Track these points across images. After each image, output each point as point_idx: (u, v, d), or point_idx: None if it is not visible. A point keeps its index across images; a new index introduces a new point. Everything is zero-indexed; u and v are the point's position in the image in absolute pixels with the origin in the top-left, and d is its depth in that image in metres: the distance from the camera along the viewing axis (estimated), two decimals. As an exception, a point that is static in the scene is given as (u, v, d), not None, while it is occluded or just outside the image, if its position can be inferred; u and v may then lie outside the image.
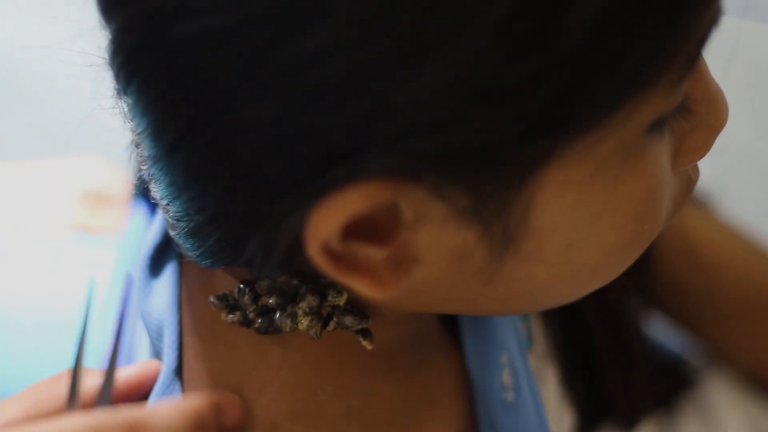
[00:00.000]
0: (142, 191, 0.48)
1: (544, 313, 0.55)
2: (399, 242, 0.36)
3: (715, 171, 0.95)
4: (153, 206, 0.49)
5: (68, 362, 0.43)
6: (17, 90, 0.97)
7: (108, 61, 0.37)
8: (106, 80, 0.39)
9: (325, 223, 0.34)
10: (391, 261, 0.36)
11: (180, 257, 0.46)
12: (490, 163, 0.33)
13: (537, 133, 0.33)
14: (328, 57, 0.31)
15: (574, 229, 0.37)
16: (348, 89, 0.32)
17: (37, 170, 0.61)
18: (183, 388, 0.43)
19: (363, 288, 0.36)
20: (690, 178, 0.42)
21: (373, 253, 0.35)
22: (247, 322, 0.42)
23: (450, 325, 0.49)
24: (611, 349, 0.55)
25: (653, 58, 0.33)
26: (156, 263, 0.46)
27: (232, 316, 0.42)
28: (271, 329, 0.41)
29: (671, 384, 0.60)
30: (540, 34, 0.31)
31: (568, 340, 0.55)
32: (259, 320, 0.41)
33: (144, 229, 0.49)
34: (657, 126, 0.36)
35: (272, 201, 0.35)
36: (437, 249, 0.36)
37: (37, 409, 0.39)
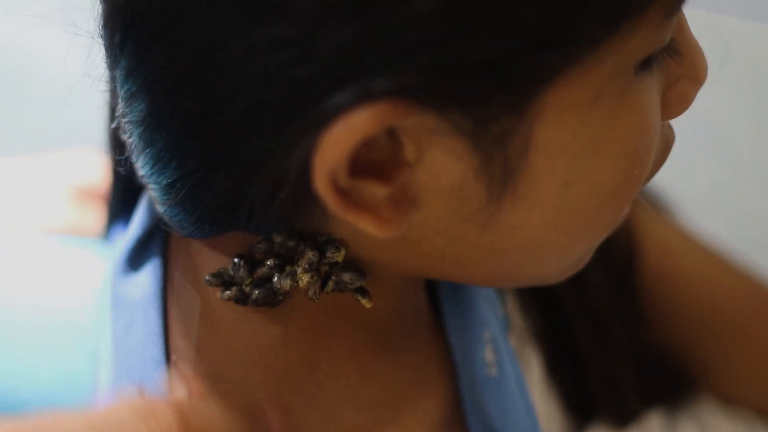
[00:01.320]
0: (119, 189, 0.48)
1: (522, 300, 0.55)
2: (401, 181, 0.36)
3: (716, 171, 0.95)
4: (129, 207, 0.49)
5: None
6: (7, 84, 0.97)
7: (102, 25, 0.37)
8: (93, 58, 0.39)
9: (334, 150, 0.33)
10: (394, 200, 0.36)
11: (164, 252, 0.45)
12: (491, 80, 0.33)
13: (539, 48, 0.33)
14: None
15: (571, 165, 0.37)
16: (348, 7, 0.32)
17: (31, 166, 0.61)
18: (173, 377, 0.43)
19: (366, 226, 0.36)
20: (668, 138, 0.43)
21: (376, 191, 0.35)
22: (243, 298, 0.41)
23: (433, 305, 0.49)
24: (592, 343, 0.55)
25: None
26: (136, 259, 0.46)
27: (228, 292, 0.41)
28: (268, 300, 0.41)
29: (665, 384, 0.60)
30: None
31: (548, 330, 0.55)
32: (256, 291, 0.41)
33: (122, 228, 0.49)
34: (647, 64, 0.37)
35: (277, 133, 0.35)
36: (437, 188, 0.36)
37: None
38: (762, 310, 0.59)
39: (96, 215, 0.56)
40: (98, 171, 0.56)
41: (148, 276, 0.44)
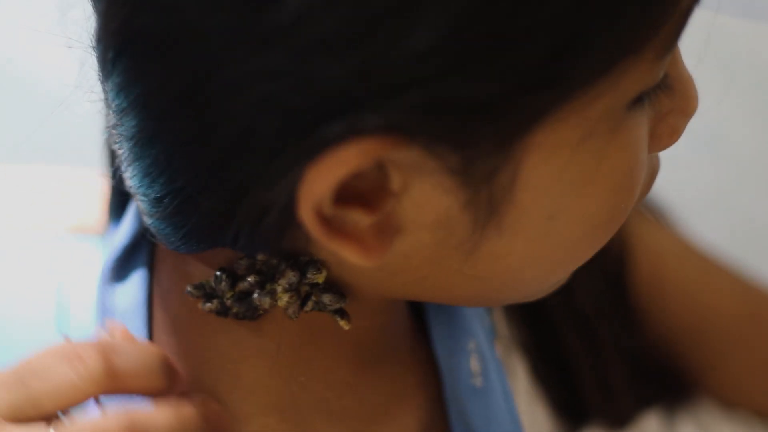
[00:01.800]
0: (114, 193, 0.48)
1: (508, 313, 0.55)
2: (385, 210, 0.35)
3: (717, 171, 0.95)
4: (119, 210, 0.49)
5: None
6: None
7: (95, 39, 0.37)
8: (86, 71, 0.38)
9: (321, 182, 0.33)
10: (378, 229, 0.36)
11: (150, 261, 0.45)
12: (483, 118, 0.33)
13: (531, 88, 0.33)
14: (326, 10, 0.32)
15: (558, 200, 0.37)
16: (345, 42, 0.32)
17: (38, 173, 0.61)
18: None
19: (349, 254, 0.36)
20: (654, 168, 0.42)
21: (360, 219, 0.35)
22: (224, 311, 0.41)
23: (417, 315, 0.49)
24: (581, 348, 0.55)
25: (643, 21, 0.34)
26: (122, 268, 0.46)
27: (209, 304, 0.41)
28: (248, 314, 0.41)
29: (662, 386, 0.60)
30: None
31: (536, 337, 0.55)
32: (237, 306, 0.41)
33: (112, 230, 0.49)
34: (640, 101, 0.37)
35: (267, 161, 0.34)
36: (421, 219, 0.36)
37: None
38: (757, 317, 0.59)
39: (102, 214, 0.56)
40: (96, 205, 0.56)
41: (134, 286, 0.44)
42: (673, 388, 0.60)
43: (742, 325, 0.59)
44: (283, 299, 0.40)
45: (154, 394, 0.40)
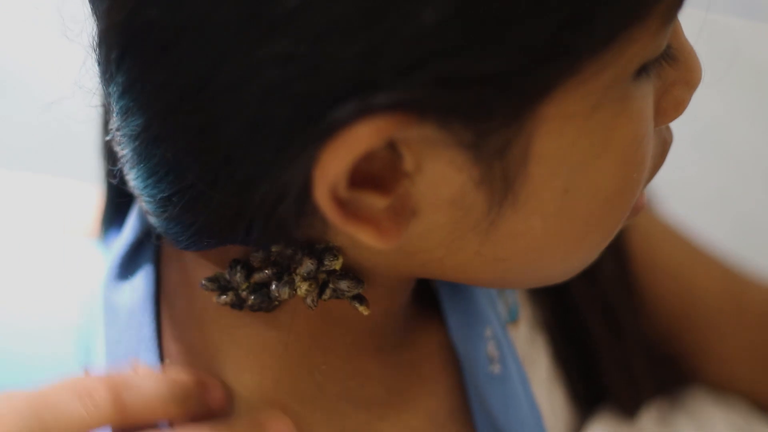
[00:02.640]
0: (113, 197, 0.48)
1: (533, 297, 0.55)
2: (399, 192, 0.35)
3: (716, 171, 0.95)
4: (122, 214, 0.49)
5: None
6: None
7: (97, 41, 0.37)
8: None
9: (335, 163, 0.33)
10: (393, 211, 0.36)
11: (156, 259, 0.45)
12: (494, 92, 0.33)
13: (542, 61, 0.33)
14: None
15: (570, 172, 0.37)
16: (355, 23, 0.31)
17: (30, 182, 0.61)
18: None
19: (366, 237, 0.36)
20: (665, 141, 0.43)
21: (375, 202, 0.35)
22: (239, 303, 0.41)
23: (431, 301, 0.49)
24: (605, 334, 0.55)
25: None
26: (127, 267, 0.46)
27: (224, 297, 0.41)
28: (264, 305, 0.41)
29: (672, 373, 0.60)
30: None
31: (559, 321, 0.55)
32: (252, 297, 0.41)
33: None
34: (645, 71, 0.38)
35: (280, 148, 0.34)
36: (436, 198, 0.36)
37: None
38: (741, 300, 0.59)
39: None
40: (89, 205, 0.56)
41: (141, 282, 0.44)
42: (669, 377, 0.60)
43: (728, 308, 0.59)
44: (302, 288, 0.40)
45: (178, 419, 0.40)
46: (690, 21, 0.40)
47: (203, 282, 0.41)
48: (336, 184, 0.34)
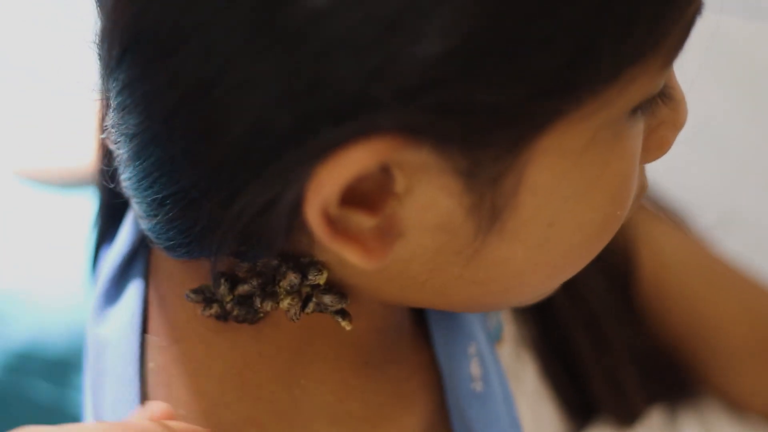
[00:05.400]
0: (106, 207, 0.48)
1: (516, 313, 0.55)
2: (387, 212, 0.35)
3: (716, 170, 0.95)
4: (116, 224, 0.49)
5: None
6: None
7: (100, 36, 0.37)
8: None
9: (330, 182, 0.33)
10: (380, 231, 0.36)
11: (146, 272, 0.45)
12: (494, 122, 0.33)
13: (542, 95, 0.33)
14: (342, 12, 0.31)
15: (559, 206, 0.37)
16: (361, 44, 0.31)
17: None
18: (152, 397, 0.43)
19: (351, 256, 0.36)
20: (642, 184, 0.43)
21: (363, 221, 0.35)
22: (224, 315, 0.41)
23: (419, 318, 0.49)
24: (590, 346, 0.55)
25: (654, 30, 0.35)
26: (120, 279, 0.46)
27: (209, 309, 0.41)
28: (249, 316, 0.41)
29: (667, 382, 0.60)
30: None
31: (544, 336, 0.55)
32: (237, 309, 0.41)
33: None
34: (640, 108, 0.38)
35: (276, 161, 0.34)
36: (424, 222, 0.36)
37: None
38: (759, 336, 0.59)
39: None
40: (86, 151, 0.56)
41: (130, 299, 0.44)
42: (676, 385, 0.60)
43: (749, 338, 0.59)
44: (285, 302, 0.40)
45: None
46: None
47: (188, 294, 0.41)
48: (328, 201, 0.34)
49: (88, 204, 0.52)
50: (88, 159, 0.56)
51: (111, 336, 0.43)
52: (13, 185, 0.55)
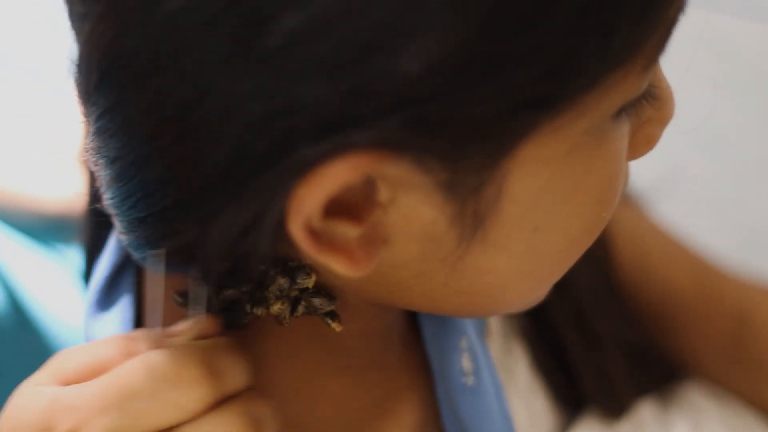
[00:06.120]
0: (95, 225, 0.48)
1: None
2: (372, 221, 0.35)
3: (716, 170, 0.95)
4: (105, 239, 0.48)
5: None
6: None
7: (78, 61, 0.36)
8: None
9: (311, 198, 0.33)
10: (365, 240, 0.36)
11: (136, 281, 0.45)
12: (473, 135, 0.33)
13: (522, 107, 0.33)
14: (318, 33, 0.31)
15: (543, 212, 0.37)
16: (338, 64, 0.31)
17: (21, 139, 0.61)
18: None
19: (337, 266, 0.36)
20: (626, 177, 0.43)
21: (348, 231, 0.35)
22: None
23: (411, 314, 0.49)
24: (578, 339, 0.56)
25: (634, 36, 0.34)
26: (109, 290, 0.45)
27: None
28: (236, 321, 0.41)
29: (655, 373, 0.61)
30: (531, 10, 0.32)
31: (535, 330, 0.55)
32: (222, 314, 0.41)
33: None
34: (624, 111, 0.37)
35: (257, 180, 0.34)
36: (408, 230, 0.36)
37: None
38: (708, 290, 0.61)
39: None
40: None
41: (119, 310, 0.44)
42: (664, 377, 0.61)
43: (697, 298, 0.60)
44: (275, 307, 0.40)
45: None
46: (690, 21, 0.40)
47: (174, 296, 0.41)
48: (311, 216, 0.34)
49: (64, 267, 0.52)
50: (70, 186, 0.55)
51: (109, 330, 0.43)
52: None
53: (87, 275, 0.50)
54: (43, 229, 0.57)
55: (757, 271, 0.62)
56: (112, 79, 0.35)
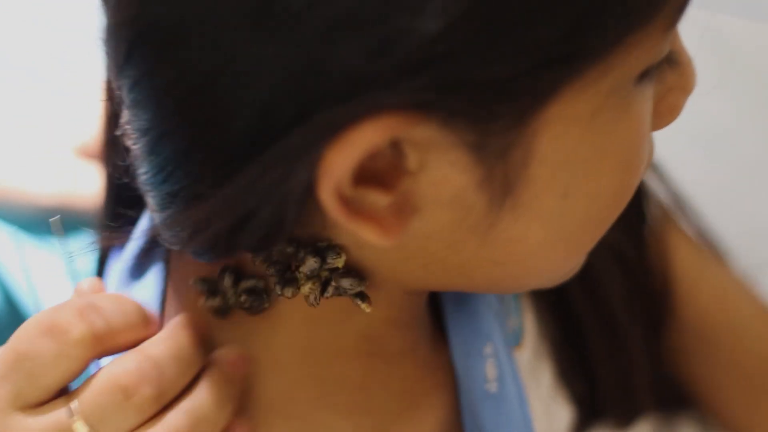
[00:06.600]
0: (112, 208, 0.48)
1: (537, 312, 0.55)
2: (402, 189, 0.36)
3: (716, 170, 0.95)
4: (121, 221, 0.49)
5: None
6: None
7: (106, 33, 0.37)
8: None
9: (341, 162, 0.34)
10: (395, 208, 0.36)
11: (167, 257, 0.45)
12: (500, 94, 0.34)
13: (546, 65, 0.33)
14: None
15: (570, 177, 0.37)
16: (361, 23, 0.32)
17: (25, 131, 0.61)
18: None
19: (368, 234, 0.36)
20: (651, 148, 0.43)
21: (378, 199, 0.35)
22: (225, 309, 0.42)
23: (437, 316, 0.49)
24: (605, 349, 0.56)
25: None
26: (141, 263, 0.46)
27: (211, 300, 0.42)
28: (255, 304, 0.41)
29: (673, 389, 0.60)
30: None
31: (563, 338, 0.55)
32: (244, 296, 0.41)
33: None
34: (647, 75, 0.38)
35: (286, 146, 0.34)
36: (438, 197, 0.36)
37: None
38: None
39: (91, 175, 0.56)
40: (92, 128, 0.56)
41: (151, 281, 0.44)
42: (672, 397, 0.60)
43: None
44: (306, 287, 0.40)
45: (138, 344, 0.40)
46: (690, 21, 0.40)
47: (196, 281, 0.41)
48: (341, 182, 0.34)
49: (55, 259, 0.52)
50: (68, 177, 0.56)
51: None
52: None
53: (101, 263, 0.50)
54: (38, 222, 0.57)
55: (758, 271, 0.62)
56: (139, 50, 0.35)
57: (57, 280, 0.42)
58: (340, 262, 0.39)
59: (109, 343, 0.39)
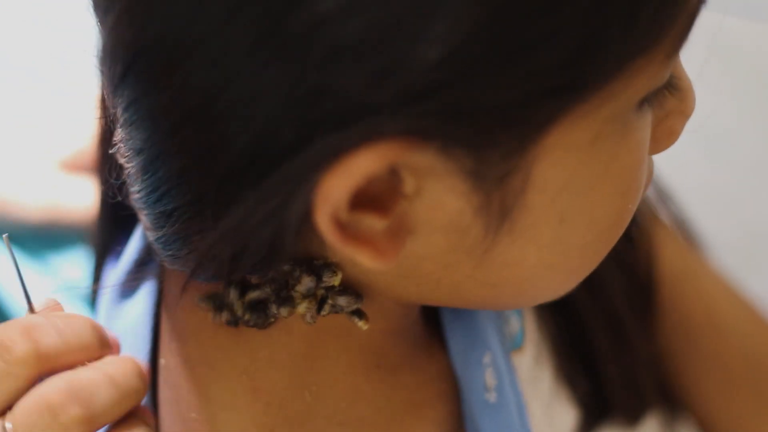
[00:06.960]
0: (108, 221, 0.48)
1: (538, 313, 0.55)
2: (397, 212, 0.35)
3: (716, 170, 0.95)
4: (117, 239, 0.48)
5: None
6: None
7: (102, 53, 0.37)
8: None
9: (338, 188, 0.33)
10: (391, 231, 0.36)
11: (160, 272, 0.45)
12: (499, 122, 0.33)
13: (546, 93, 0.33)
14: (343, 18, 0.31)
15: (569, 203, 0.37)
16: (362, 50, 0.31)
17: (14, 140, 0.61)
18: (160, 396, 0.43)
19: (364, 258, 0.36)
20: (650, 170, 0.43)
21: (374, 223, 0.35)
22: (235, 321, 0.41)
23: (435, 325, 0.49)
24: (610, 347, 0.55)
25: (657, 22, 0.34)
26: (134, 277, 0.46)
27: (219, 316, 0.41)
28: (260, 320, 0.41)
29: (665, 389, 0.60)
30: None
31: (565, 338, 0.55)
32: (248, 315, 0.41)
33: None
34: (647, 100, 0.38)
35: (283, 171, 0.34)
36: (434, 221, 0.36)
37: None
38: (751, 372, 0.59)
39: (78, 189, 0.56)
40: (81, 140, 0.55)
41: (144, 294, 0.44)
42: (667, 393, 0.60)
43: (742, 373, 0.59)
44: (302, 306, 0.40)
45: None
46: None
47: (199, 300, 0.41)
48: (338, 207, 0.34)
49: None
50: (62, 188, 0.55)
51: (125, 328, 0.44)
52: None
53: (96, 275, 0.50)
54: (28, 237, 0.56)
55: (757, 271, 0.61)
56: (136, 71, 0.35)
57: (45, 295, 0.42)
58: (336, 281, 0.39)
59: (57, 362, 0.37)
